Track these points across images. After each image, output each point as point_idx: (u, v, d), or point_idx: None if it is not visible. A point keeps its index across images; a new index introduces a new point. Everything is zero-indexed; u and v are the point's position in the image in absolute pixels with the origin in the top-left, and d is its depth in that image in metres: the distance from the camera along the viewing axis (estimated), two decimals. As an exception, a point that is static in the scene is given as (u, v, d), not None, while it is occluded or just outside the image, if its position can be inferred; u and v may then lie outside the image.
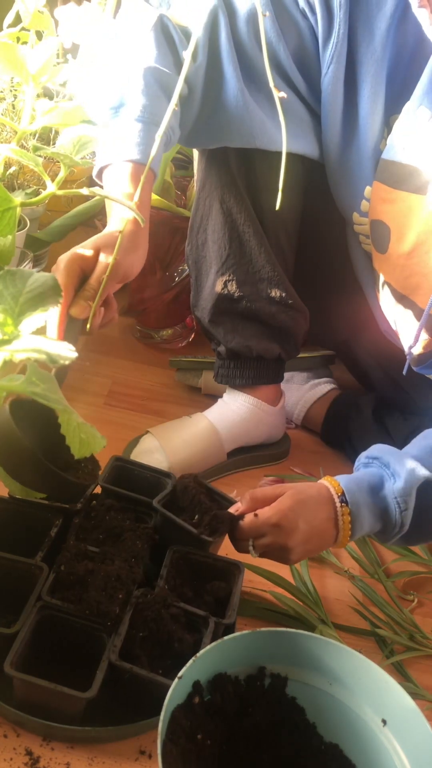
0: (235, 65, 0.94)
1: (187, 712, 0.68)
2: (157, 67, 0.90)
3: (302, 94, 0.99)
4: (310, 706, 0.75)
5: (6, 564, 0.82)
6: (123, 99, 0.90)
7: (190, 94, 0.95)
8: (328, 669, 0.75)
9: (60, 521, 0.89)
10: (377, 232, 1.02)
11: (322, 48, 0.94)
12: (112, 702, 0.75)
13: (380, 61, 0.92)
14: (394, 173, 0.96)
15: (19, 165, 1.30)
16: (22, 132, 0.91)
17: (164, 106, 0.89)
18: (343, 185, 1.06)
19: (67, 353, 0.52)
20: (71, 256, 0.84)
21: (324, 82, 0.96)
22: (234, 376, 1.19)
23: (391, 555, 1.10)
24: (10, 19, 1.11)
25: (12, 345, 0.53)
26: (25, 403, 0.69)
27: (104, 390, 1.35)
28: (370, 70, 0.93)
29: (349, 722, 0.74)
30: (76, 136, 0.87)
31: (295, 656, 0.75)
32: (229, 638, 0.72)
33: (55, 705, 0.73)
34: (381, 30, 0.91)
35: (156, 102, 0.89)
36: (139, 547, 0.87)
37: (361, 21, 0.92)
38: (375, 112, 0.96)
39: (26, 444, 0.67)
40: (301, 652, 0.75)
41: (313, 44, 0.95)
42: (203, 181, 1.11)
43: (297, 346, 1.21)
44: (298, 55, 0.96)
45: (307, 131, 1.02)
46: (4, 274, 0.58)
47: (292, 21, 0.94)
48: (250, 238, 1.09)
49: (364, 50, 0.93)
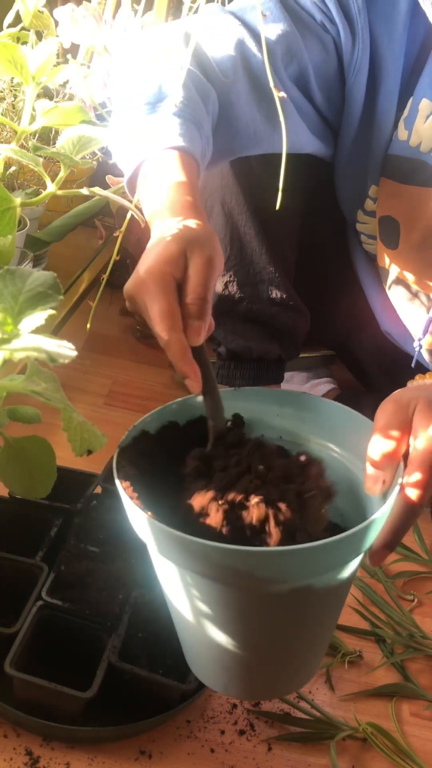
0: (251, 77, 0.88)
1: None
2: (192, 69, 0.83)
3: (316, 103, 0.97)
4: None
5: (6, 564, 0.82)
6: (162, 94, 0.81)
7: (225, 106, 0.88)
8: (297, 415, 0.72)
9: (60, 521, 0.89)
10: (386, 229, 1.02)
11: (348, 57, 0.92)
12: (112, 702, 0.75)
13: (398, 59, 0.91)
14: (400, 168, 0.96)
15: (19, 165, 1.30)
16: (22, 132, 0.91)
17: (201, 109, 0.82)
18: (349, 185, 1.05)
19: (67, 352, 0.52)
20: (160, 268, 0.64)
21: (349, 89, 0.94)
22: (234, 376, 1.19)
23: (391, 555, 1.10)
24: (10, 19, 1.11)
25: (11, 344, 0.53)
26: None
27: (104, 390, 1.35)
28: (391, 69, 0.92)
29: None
30: (76, 135, 0.87)
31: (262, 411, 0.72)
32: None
33: (55, 705, 0.73)
34: (398, 28, 0.90)
35: (194, 102, 0.81)
36: (140, 547, 0.87)
37: (380, 22, 0.90)
38: (389, 111, 0.95)
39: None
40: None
41: (335, 56, 0.93)
42: (204, 182, 1.11)
43: (297, 347, 1.21)
44: (319, 68, 0.93)
45: (319, 134, 1.00)
46: (4, 273, 0.58)
47: (315, 36, 0.91)
48: (251, 239, 1.09)
49: (385, 51, 0.91)
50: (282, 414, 0.74)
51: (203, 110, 0.82)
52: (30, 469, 0.68)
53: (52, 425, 0.63)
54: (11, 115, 1.27)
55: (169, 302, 0.62)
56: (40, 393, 0.54)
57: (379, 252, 1.08)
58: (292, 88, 0.92)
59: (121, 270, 1.52)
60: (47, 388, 0.55)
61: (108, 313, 1.51)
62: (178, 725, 0.80)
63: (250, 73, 0.88)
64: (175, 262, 0.64)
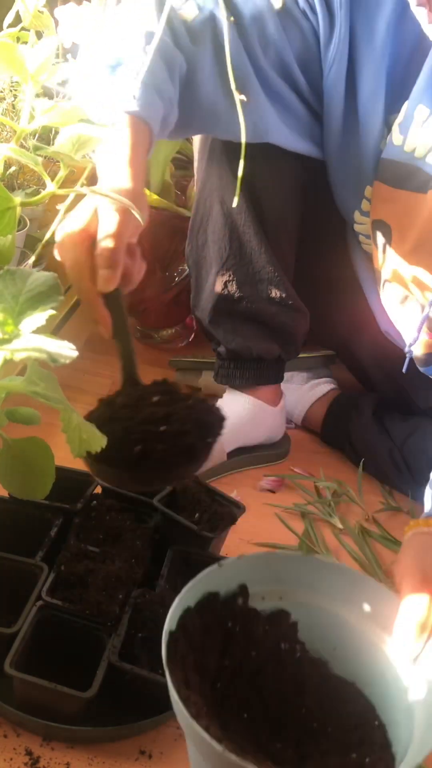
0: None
1: (192, 620, 0.69)
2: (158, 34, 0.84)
3: (304, 95, 0.99)
4: (303, 622, 0.75)
5: (6, 564, 0.82)
6: (121, 58, 0.84)
7: (189, 74, 0.90)
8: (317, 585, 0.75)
9: (60, 521, 0.89)
10: (379, 233, 1.02)
11: (324, 48, 0.94)
12: (112, 702, 0.75)
13: (380, 60, 0.92)
14: (394, 173, 0.96)
15: (18, 165, 1.30)
16: (22, 131, 0.91)
17: (163, 71, 0.85)
18: (344, 185, 1.06)
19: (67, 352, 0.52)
20: (71, 225, 0.72)
21: (326, 82, 0.96)
22: (234, 376, 1.19)
23: (391, 555, 1.10)
24: (10, 19, 1.10)
25: (12, 344, 0.53)
26: None
27: (104, 390, 1.33)
28: (371, 69, 0.93)
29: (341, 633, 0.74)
30: (76, 134, 0.87)
31: (282, 578, 0.75)
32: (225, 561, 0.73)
33: (55, 705, 0.73)
34: (381, 29, 0.91)
35: (156, 67, 0.83)
36: (139, 547, 0.87)
37: (362, 20, 0.91)
38: (375, 111, 0.95)
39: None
40: (289, 572, 0.75)
41: (316, 45, 0.94)
42: (203, 181, 1.11)
43: (297, 346, 1.21)
44: (301, 56, 0.95)
45: (306, 130, 1.02)
46: (4, 274, 0.58)
47: (295, 22, 0.93)
48: (251, 238, 1.09)
49: (365, 49, 0.92)
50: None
51: (165, 75, 0.84)
52: (29, 471, 0.68)
53: (52, 426, 0.63)
54: (11, 114, 1.27)
55: (77, 255, 0.69)
56: (40, 393, 0.54)
57: (373, 254, 1.08)
58: (270, 72, 0.93)
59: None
60: (47, 388, 0.55)
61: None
62: (178, 725, 0.79)
63: (217, 45, 0.89)
64: (85, 220, 0.71)
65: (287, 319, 1.15)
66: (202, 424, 0.70)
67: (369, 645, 0.73)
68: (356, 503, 1.18)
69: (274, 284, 1.11)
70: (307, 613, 0.75)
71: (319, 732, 0.71)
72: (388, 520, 1.16)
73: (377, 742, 0.69)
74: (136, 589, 0.82)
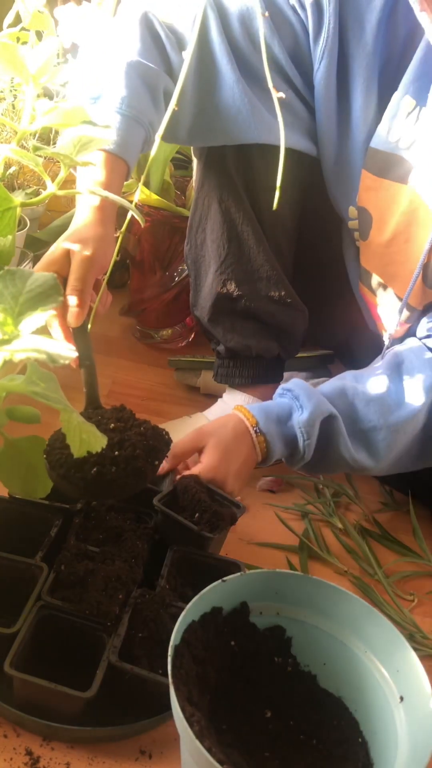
0: (230, 58, 0.93)
1: (194, 634, 0.72)
2: (141, 60, 0.90)
3: (299, 90, 0.99)
4: (297, 638, 0.78)
5: (6, 564, 0.82)
6: (103, 90, 0.89)
7: (181, 91, 0.93)
8: (315, 604, 0.78)
9: (60, 521, 0.89)
10: (362, 220, 1.03)
11: (313, 43, 0.94)
12: (112, 702, 0.75)
13: (372, 55, 0.93)
14: (378, 161, 0.97)
15: (19, 165, 1.30)
16: (22, 132, 0.91)
17: (145, 100, 0.90)
18: (339, 180, 1.06)
19: (67, 353, 0.52)
20: (45, 267, 0.83)
21: (316, 77, 0.96)
22: (233, 375, 1.19)
23: (391, 555, 1.10)
24: (10, 19, 1.11)
25: (12, 345, 0.53)
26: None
27: (104, 390, 1.34)
28: (362, 63, 0.93)
29: (335, 651, 0.77)
30: (77, 136, 0.87)
31: (282, 594, 0.78)
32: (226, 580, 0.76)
33: (55, 705, 0.73)
34: (371, 23, 0.91)
35: (136, 96, 0.89)
36: (139, 547, 0.87)
37: (351, 15, 0.92)
38: (368, 105, 0.96)
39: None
40: (287, 590, 0.78)
41: (306, 40, 0.95)
42: (202, 180, 1.11)
43: (296, 345, 1.21)
44: (293, 51, 0.96)
45: (304, 127, 1.02)
46: (4, 274, 0.58)
47: (284, 17, 0.94)
48: (249, 237, 1.09)
49: (355, 44, 0.93)
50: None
51: (147, 100, 0.90)
52: (29, 470, 0.68)
53: (52, 425, 0.63)
54: (11, 115, 1.27)
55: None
56: (40, 393, 0.54)
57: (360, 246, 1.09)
58: (261, 67, 0.93)
59: (120, 270, 1.52)
60: (47, 388, 0.55)
61: (108, 313, 1.49)
62: (178, 725, 0.80)
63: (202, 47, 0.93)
64: (57, 262, 0.83)
65: (286, 317, 1.15)
66: (151, 449, 0.81)
67: (357, 663, 0.75)
68: (356, 503, 1.18)
69: (272, 283, 1.12)
70: (301, 629, 0.78)
71: (304, 744, 0.73)
72: (388, 520, 1.16)
73: (360, 760, 0.71)
74: (136, 589, 0.82)
